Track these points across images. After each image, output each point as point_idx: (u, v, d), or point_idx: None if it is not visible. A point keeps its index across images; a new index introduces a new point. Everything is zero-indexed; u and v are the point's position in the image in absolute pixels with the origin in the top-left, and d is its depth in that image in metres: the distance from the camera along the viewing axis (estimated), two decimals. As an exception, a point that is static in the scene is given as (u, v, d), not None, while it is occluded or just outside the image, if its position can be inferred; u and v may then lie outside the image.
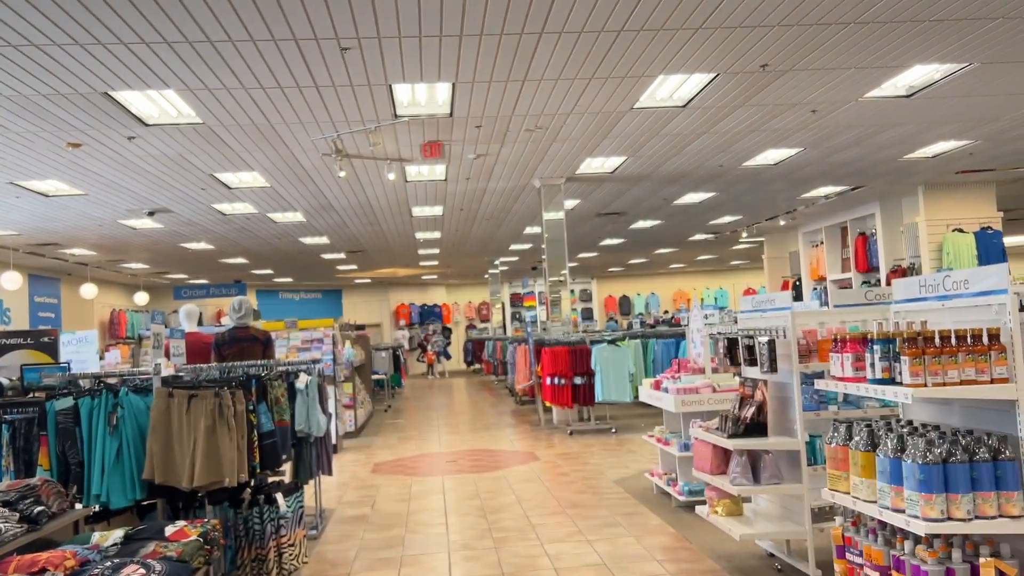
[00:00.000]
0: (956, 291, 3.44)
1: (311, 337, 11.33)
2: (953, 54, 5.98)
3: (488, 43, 5.33)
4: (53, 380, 5.16)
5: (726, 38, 5.44)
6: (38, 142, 7.10)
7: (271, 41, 5.10)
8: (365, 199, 10.84)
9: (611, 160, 9.21)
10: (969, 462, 3.07)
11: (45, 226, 11.53)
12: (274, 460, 5.13)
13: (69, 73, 5.45)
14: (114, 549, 3.52)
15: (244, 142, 7.51)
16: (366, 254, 17.28)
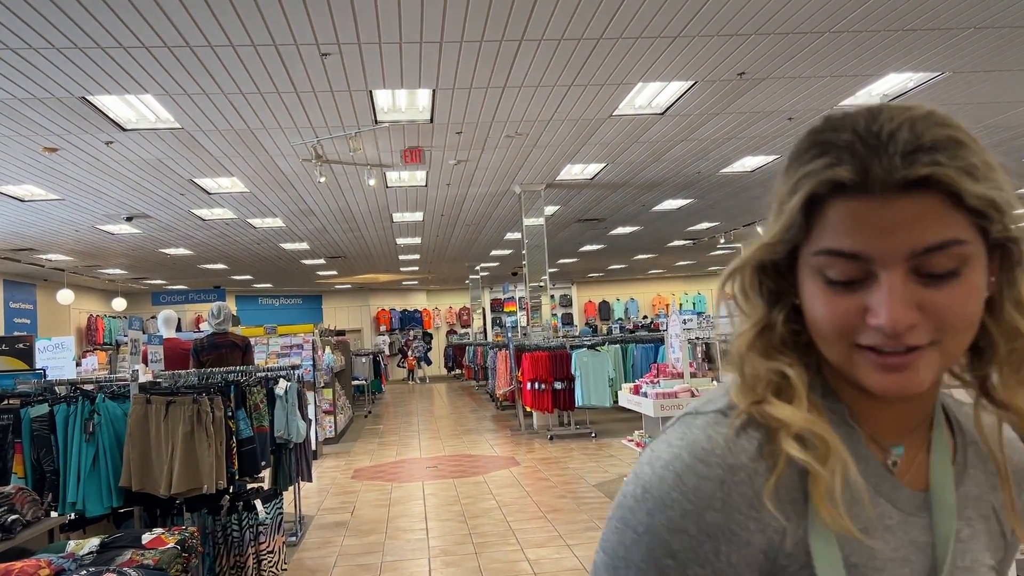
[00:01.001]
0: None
1: (291, 343, 11.28)
2: (925, 63, 6.07)
3: (468, 50, 5.35)
4: (28, 387, 5.10)
5: (704, 46, 5.49)
6: (14, 146, 7.03)
7: (251, 46, 5.09)
8: (345, 205, 10.82)
9: (590, 167, 9.26)
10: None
11: (21, 231, 11.41)
12: (253, 467, 5.11)
13: (46, 77, 5.41)
14: (90, 558, 3.49)
15: (223, 147, 7.48)
16: (346, 260, 17.23)
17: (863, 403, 0.75)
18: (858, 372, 0.70)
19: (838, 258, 0.68)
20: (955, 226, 0.66)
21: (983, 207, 0.67)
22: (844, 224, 0.68)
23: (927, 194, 0.66)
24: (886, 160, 0.66)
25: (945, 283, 0.67)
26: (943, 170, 0.65)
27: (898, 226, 0.66)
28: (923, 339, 0.67)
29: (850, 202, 0.67)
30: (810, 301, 0.72)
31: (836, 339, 0.70)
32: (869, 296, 0.68)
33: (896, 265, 0.66)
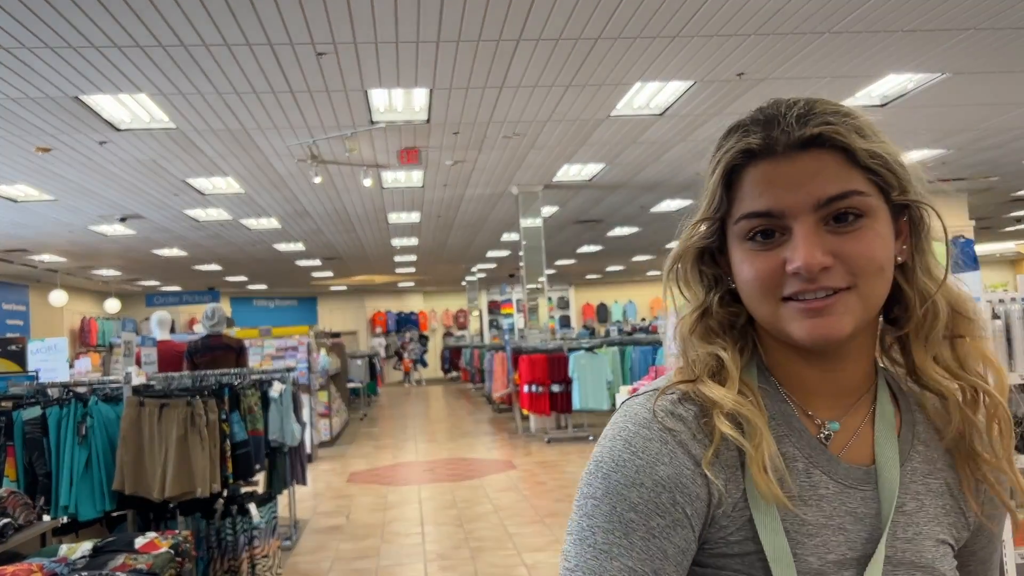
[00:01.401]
0: (931, 298, 3.47)
1: (285, 345, 11.23)
2: (925, 64, 6.05)
3: (465, 49, 5.31)
4: (20, 389, 5.04)
5: (703, 46, 5.46)
6: (6, 146, 6.97)
7: (246, 45, 5.04)
8: (341, 206, 10.77)
9: (588, 167, 9.23)
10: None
11: (13, 232, 11.34)
12: (247, 470, 5.06)
13: (39, 76, 5.36)
14: (82, 562, 3.44)
15: (218, 147, 7.43)
16: (342, 261, 17.18)
17: (796, 377, 0.81)
18: (785, 325, 0.76)
19: (756, 218, 0.77)
20: (853, 180, 0.76)
21: (875, 166, 0.77)
22: (757, 187, 0.77)
23: (824, 151, 0.76)
24: (785, 125, 0.76)
25: (851, 231, 0.75)
26: (833, 128, 0.75)
27: (802, 180, 0.75)
28: (839, 281, 0.74)
29: (760, 165, 0.77)
30: (739, 267, 0.79)
31: (764, 295, 0.77)
32: (786, 250, 0.75)
33: (805, 215, 0.75)
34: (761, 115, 0.78)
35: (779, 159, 0.76)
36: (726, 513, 0.76)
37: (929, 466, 0.81)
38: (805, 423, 0.80)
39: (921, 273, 0.81)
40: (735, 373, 0.79)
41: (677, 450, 0.76)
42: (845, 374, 0.81)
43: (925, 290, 0.80)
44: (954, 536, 0.81)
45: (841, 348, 0.78)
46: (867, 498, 0.78)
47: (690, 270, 0.85)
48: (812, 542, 0.75)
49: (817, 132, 0.75)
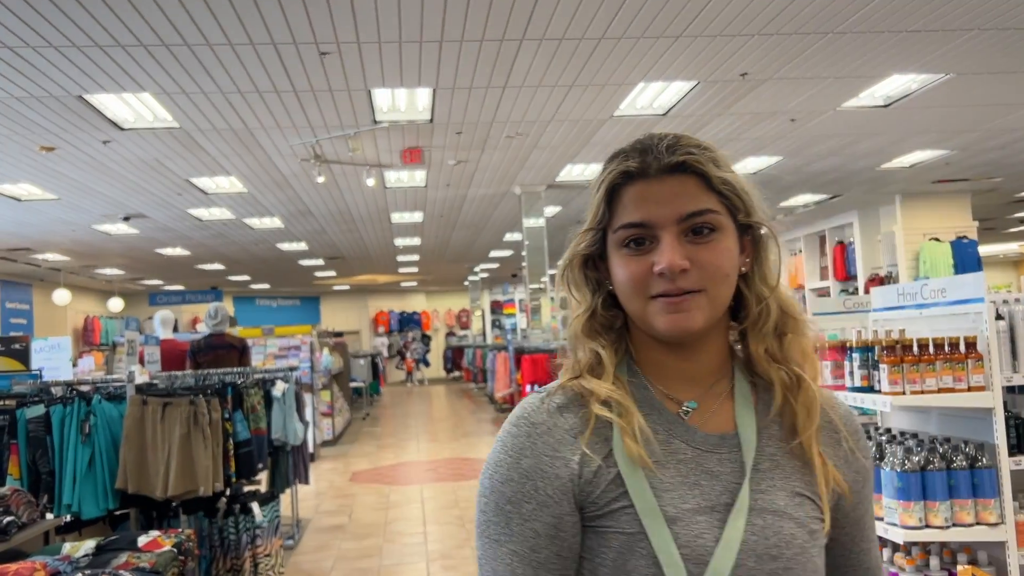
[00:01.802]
0: (934, 299, 3.46)
1: (288, 344, 11.24)
2: (929, 65, 6.04)
3: (469, 49, 5.32)
4: (24, 387, 5.06)
5: (706, 46, 5.46)
6: (10, 145, 6.99)
7: (249, 45, 5.05)
8: (344, 205, 10.77)
9: (592, 167, 9.22)
10: (947, 470, 3.08)
11: (17, 231, 11.36)
12: (250, 469, 5.08)
13: (42, 76, 5.37)
14: (85, 560, 3.45)
15: (221, 147, 7.44)
16: (345, 260, 17.18)
17: (660, 366, 1.00)
18: (651, 319, 0.95)
19: (632, 228, 0.95)
20: (708, 201, 0.95)
21: (726, 191, 0.96)
22: (633, 202, 0.96)
23: (687, 176, 0.95)
24: (657, 153, 0.96)
25: (705, 243, 0.94)
26: (694, 157, 0.95)
27: (669, 198, 0.94)
28: (693, 284, 0.93)
29: (636, 185, 0.96)
30: (616, 269, 0.97)
31: (635, 293, 0.95)
32: (654, 255, 0.94)
33: (670, 227, 0.94)
34: (638, 145, 0.98)
35: (651, 180, 0.95)
36: (601, 482, 0.93)
37: (783, 431, 0.99)
38: (667, 404, 0.99)
39: (759, 281, 1.01)
40: (611, 367, 0.99)
41: (537, 441, 0.95)
42: (700, 362, 1.00)
43: (760, 294, 1.00)
44: (813, 491, 0.97)
45: (695, 340, 0.98)
46: (723, 459, 0.95)
47: (578, 273, 1.03)
48: (669, 495, 0.92)
49: (682, 160, 0.95)
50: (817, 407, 0.98)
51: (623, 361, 1.02)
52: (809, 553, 0.94)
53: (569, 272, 1.04)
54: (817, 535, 0.96)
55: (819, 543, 0.97)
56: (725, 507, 0.92)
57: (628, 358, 1.02)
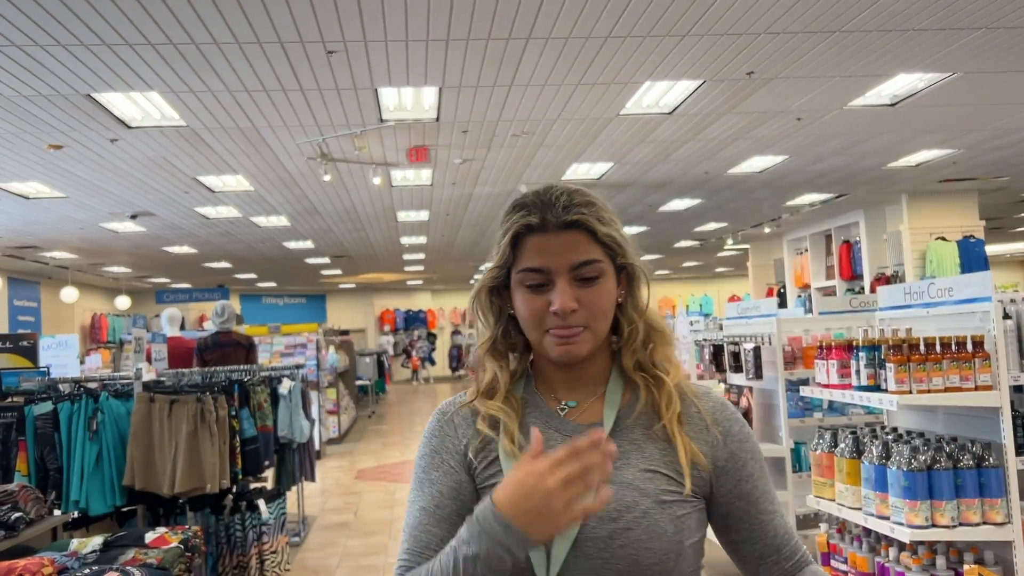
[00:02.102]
0: (940, 299, 3.46)
1: (295, 342, 11.27)
2: (936, 64, 6.03)
3: (475, 48, 5.32)
4: (32, 384, 5.09)
5: (712, 45, 5.45)
6: (19, 144, 7.02)
7: (256, 43, 5.06)
8: (350, 204, 10.79)
9: (597, 166, 9.22)
10: (953, 469, 3.07)
11: (25, 229, 11.40)
12: (256, 466, 5.09)
13: (51, 74, 5.39)
14: (93, 556, 3.46)
15: (228, 145, 7.46)
16: (351, 259, 17.21)
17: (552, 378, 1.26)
18: (547, 348, 1.19)
19: (532, 272, 1.18)
20: (594, 251, 1.18)
21: (609, 242, 1.19)
22: (534, 251, 1.18)
23: (578, 231, 1.18)
24: (554, 211, 1.17)
25: (591, 286, 1.17)
26: (585, 217, 1.18)
27: (563, 250, 1.17)
28: (580, 321, 1.16)
29: (535, 237, 1.18)
30: (519, 305, 1.21)
31: (534, 326, 1.19)
32: (551, 295, 1.17)
33: (563, 274, 1.16)
34: (539, 200, 1.19)
35: (549, 234, 1.17)
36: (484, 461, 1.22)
37: (650, 421, 1.21)
38: (551, 405, 1.25)
39: (631, 308, 1.24)
40: (503, 388, 1.25)
41: (444, 425, 1.27)
42: (583, 374, 1.25)
43: (631, 319, 1.24)
44: (673, 468, 1.18)
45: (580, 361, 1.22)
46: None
47: (485, 300, 1.26)
48: None
49: (575, 219, 1.17)
50: (675, 400, 1.21)
51: (522, 376, 1.29)
52: (653, 518, 1.14)
53: (478, 300, 1.27)
54: (669, 504, 1.16)
55: (672, 511, 1.16)
56: None
57: (528, 371, 1.29)
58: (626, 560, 1.12)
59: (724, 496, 1.22)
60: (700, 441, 1.21)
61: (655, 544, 1.13)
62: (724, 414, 1.25)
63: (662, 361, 1.25)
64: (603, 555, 1.12)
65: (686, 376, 1.29)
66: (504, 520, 1.00)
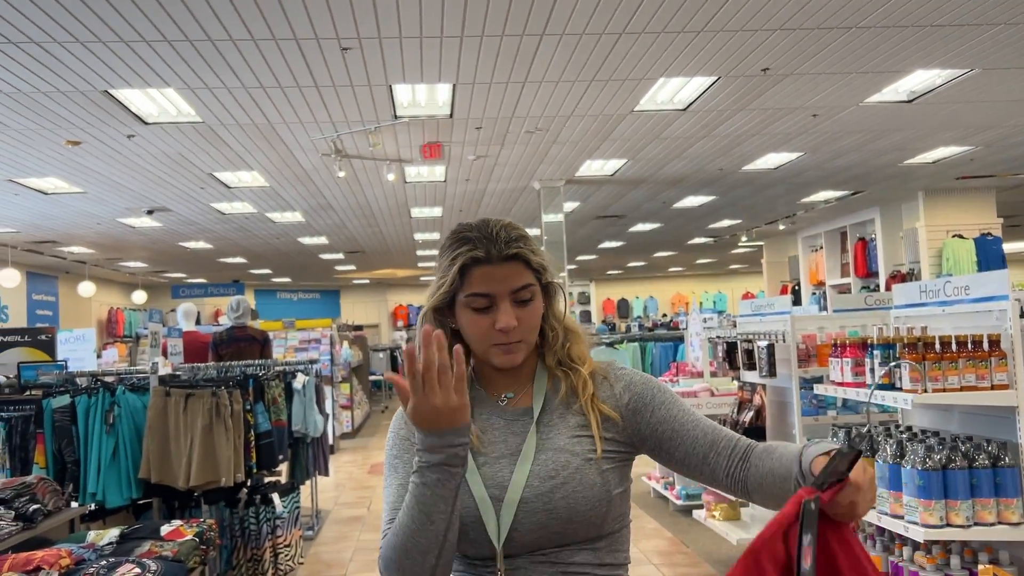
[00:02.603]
0: (957, 297, 3.44)
1: (309, 337, 11.32)
2: (954, 60, 5.98)
3: (489, 44, 5.32)
4: (50, 378, 5.14)
5: (727, 41, 5.43)
6: (37, 139, 7.09)
7: (272, 40, 5.09)
8: (364, 200, 10.82)
9: (611, 163, 9.21)
10: (968, 468, 3.06)
11: (43, 224, 11.51)
12: (271, 460, 5.12)
13: (69, 71, 5.44)
14: (109, 548, 3.50)
15: (244, 141, 7.50)
16: (365, 255, 17.26)
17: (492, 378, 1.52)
18: (491, 357, 1.44)
19: (478, 297, 1.40)
20: (528, 276, 1.43)
21: (538, 267, 1.45)
22: (479, 280, 1.40)
23: (516, 261, 1.41)
24: (497, 246, 1.40)
25: (526, 307, 1.43)
26: (523, 250, 1.42)
27: (504, 278, 1.40)
28: (518, 336, 1.42)
29: (481, 267, 1.40)
30: (466, 325, 1.44)
31: (481, 341, 1.43)
32: (494, 316, 1.40)
33: (505, 297, 1.40)
34: (483, 235, 1.41)
35: (494, 265, 1.40)
36: None
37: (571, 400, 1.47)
38: (493, 397, 1.50)
39: (552, 317, 1.51)
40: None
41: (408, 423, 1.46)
42: (516, 372, 1.50)
43: (552, 325, 1.51)
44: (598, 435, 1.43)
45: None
46: (523, 424, 1.45)
47: (431, 318, 1.46)
48: (484, 448, 1.43)
49: (515, 252, 1.41)
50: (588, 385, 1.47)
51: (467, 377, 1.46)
52: (584, 472, 1.39)
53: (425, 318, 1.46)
54: (594, 461, 1.40)
55: (598, 466, 1.40)
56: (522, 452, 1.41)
57: (472, 374, 1.52)
58: (566, 509, 1.36)
59: (646, 428, 1.45)
60: (609, 402, 1.47)
61: (588, 493, 1.37)
62: (631, 377, 1.51)
63: (577, 356, 1.50)
64: (547, 507, 1.36)
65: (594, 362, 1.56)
66: (422, 431, 1.25)
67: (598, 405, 1.45)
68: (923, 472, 3.04)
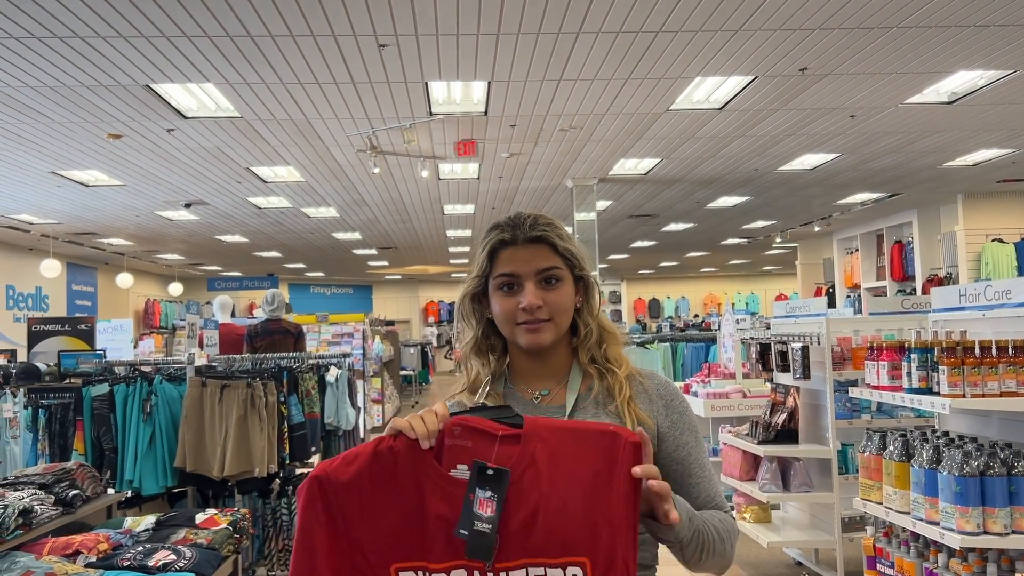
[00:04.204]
0: (997, 301, 3.38)
1: (341, 331, 11.41)
2: (997, 61, 5.87)
3: (525, 42, 5.33)
4: (89, 367, 5.24)
5: (765, 40, 5.38)
6: (80, 132, 7.23)
7: (310, 36, 5.14)
8: (398, 196, 10.89)
9: (645, 162, 9.17)
10: (1007, 475, 3.01)
11: (84, 216, 11.73)
12: (303, 452, 5.18)
13: (112, 65, 5.54)
14: (146, 534, 3.57)
15: (280, 136, 7.58)
16: (397, 251, 17.36)
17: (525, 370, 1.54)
18: (518, 337, 1.46)
19: (505, 277, 1.45)
20: (555, 260, 1.46)
21: (567, 254, 1.47)
22: (506, 261, 1.45)
23: (542, 245, 1.45)
24: (522, 229, 1.45)
25: (553, 288, 1.45)
26: (548, 233, 1.45)
27: (530, 259, 1.44)
28: (544, 315, 1.43)
29: (507, 249, 1.45)
30: (495, 305, 1.47)
31: (508, 321, 1.45)
32: (520, 296, 1.43)
33: (530, 278, 1.44)
34: (510, 223, 1.47)
35: (519, 246, 1.45)
36: None
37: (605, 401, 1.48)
38: (526, 395, 1.52)
39: (586, 312, 1.52)
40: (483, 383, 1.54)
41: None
42: (550, 365, 1.52)
43: (586, 321, 1.51)
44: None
45: (546, 352, 1.50)
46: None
47: (468, 306, 1.53)
48: None
49: (539, 234, 1.45)
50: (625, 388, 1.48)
51: (501, 374, 1.56)
52: None
53: (463, 305, 1.53)
54: None
55: None
56: None
57: (506, 371, 1.56)
58: None
59: (663, 459, 1.47)
60: (649, 410, 1.49)
61: None
62: (667, 390, 1.54)
63: (614, 358, 1.52)
64: None
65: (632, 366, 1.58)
66: None
67: (635, 410, 1.47)
68: (960, 478, 3.00)
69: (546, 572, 1.14)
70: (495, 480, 1.16)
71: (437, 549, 1.16)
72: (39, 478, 3.56)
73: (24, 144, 7.58)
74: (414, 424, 1.22)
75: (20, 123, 6.89)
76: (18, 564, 2.92)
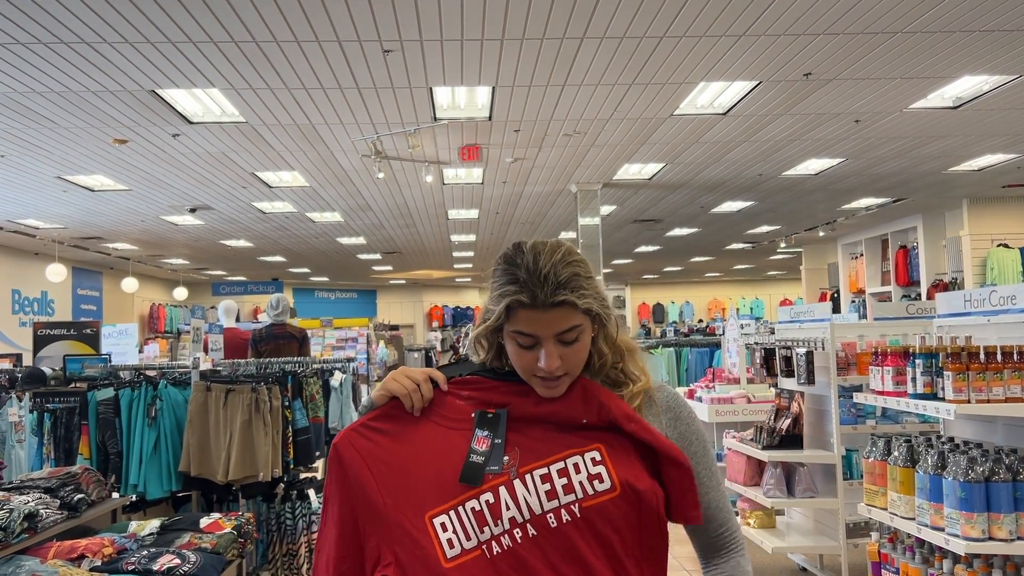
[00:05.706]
0: (1003, 307, 3.37)
1: (346, 336, 11.43)
2: (1002, 66, 5.87)
3: (529, 47, 5.34)
4: (95, 371, 5.25)
5: (769, 46, 5.39)
6: (85, 137, 7.25)
7: (315, 42, 5.15)
8: (402, 201, 10.90)
9: (649, 167, 9.17)
10: (1013, 481, 3.00)
11: (90, 220, 11.77)
12: (308, 456, 5.18)
13: (118, 70, 5.56)
14: (150, 539, 3.57)
15: (285, 142, 7.61)
16: (401, 255, 17.38)
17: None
18: (534, 385, 1.44)
19: (523, 336, 1.40)
20: (576, 318, 1.40)
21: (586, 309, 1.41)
22: (525, 321, 1.39)
23: (563, 306, 1.38)
24: (543, 293, 1.37)
25: (571, 346, 1.41)
26: (569, 297, 1.38)
27: (550, 323, 1.38)
28: (562, 371, 1.41)
29: (527, 311, 1.39)
30: (512, 354, 1.44)
31: (525, 373, 1.44)
32: (538, 353, 1.40)
33: (549, 339, 1.39)
34: (530, 278, 1.38)
35: (538, 310, 1.38)
36: None
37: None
38: None
39: (601, 342, 1.49)
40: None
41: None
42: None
43: (601, 351, 1.50)
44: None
45: None
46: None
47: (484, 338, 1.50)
48: None
49: (561, 300, 1.37)
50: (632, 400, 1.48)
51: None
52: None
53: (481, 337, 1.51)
54: None
55: None
56: None
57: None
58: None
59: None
60: (655, 423, 1.50)
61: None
62: (675, 402, 1.54)
63: (633, 372, 1.53)
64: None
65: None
66: None
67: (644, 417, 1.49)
68: (965, 484, 2.99)
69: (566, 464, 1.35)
70: (493, 422, 1.40)
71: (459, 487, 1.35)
72: (44, 482, 3.56)
73: (30, 149, 7.61)
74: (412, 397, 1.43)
75: (26, 128, 6.92)
76: (23, 568, 2.93)
